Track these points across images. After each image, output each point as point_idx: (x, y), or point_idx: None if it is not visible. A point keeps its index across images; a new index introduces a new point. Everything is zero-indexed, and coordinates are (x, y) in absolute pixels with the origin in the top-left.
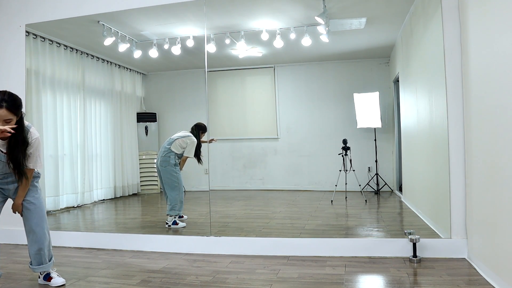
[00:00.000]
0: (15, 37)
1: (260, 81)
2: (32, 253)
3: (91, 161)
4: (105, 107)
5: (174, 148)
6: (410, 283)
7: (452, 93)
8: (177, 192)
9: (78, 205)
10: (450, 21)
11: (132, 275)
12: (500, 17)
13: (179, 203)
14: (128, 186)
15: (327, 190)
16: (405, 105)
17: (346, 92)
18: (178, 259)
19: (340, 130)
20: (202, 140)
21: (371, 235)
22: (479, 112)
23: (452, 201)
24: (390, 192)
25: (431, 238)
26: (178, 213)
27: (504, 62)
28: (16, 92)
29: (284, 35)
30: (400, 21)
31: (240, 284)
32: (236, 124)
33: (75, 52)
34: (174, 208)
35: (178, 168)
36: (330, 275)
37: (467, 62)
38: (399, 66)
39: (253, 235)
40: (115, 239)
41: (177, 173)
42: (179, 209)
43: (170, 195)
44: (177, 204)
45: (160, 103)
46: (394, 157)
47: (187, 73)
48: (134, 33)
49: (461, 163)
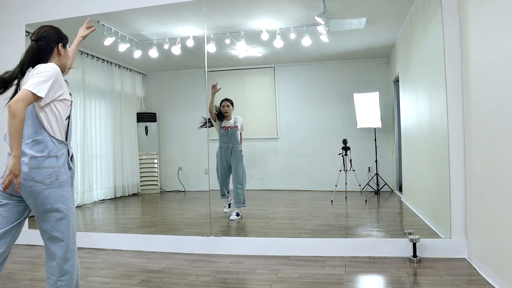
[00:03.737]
0: (15, 37)
1: (260, 81)
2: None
3: (91, 161)
4: (105, 107)
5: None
6: (410, 283)
7: (452, 93)
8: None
9: (78, 205)
10: (450, 21)
11: (132, 275)
12: (500, 17)
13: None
14: (128, 186)
15: (327, 190)
16: (405, 105)
17: (346, 92)
18: (178, 259)
19: (340, 130)
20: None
21: (371, 235)
22: (479, 112)
23: (452, 201)
24: (390, 192)
25: (431, 238)
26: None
27: (504, 62)
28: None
29: (284, 35)
30: (400, 21)
31: (240, 284)
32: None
33: None
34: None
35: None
36: (330, 275)
37: (467, 62)
38: (399, 66)
39: (253, 235)
40: (115, 239)
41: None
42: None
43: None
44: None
45: (160, 103)
46: (394, 157)
47: (187, 73)
48: (134, 33)
49: (461, 163)
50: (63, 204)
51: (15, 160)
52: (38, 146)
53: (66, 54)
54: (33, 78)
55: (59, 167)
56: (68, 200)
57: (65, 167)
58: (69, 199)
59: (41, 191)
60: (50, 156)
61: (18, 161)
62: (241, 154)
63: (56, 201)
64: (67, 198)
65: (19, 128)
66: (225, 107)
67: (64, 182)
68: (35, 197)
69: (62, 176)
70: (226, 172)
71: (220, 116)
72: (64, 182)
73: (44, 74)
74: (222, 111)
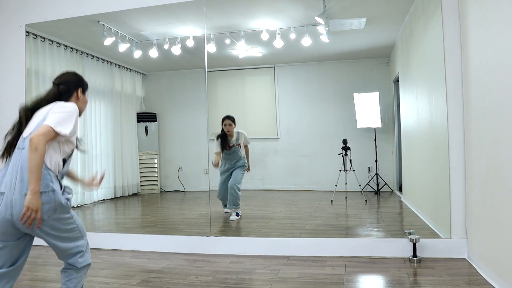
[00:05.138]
0: (15, 37)
1: (260, 81)
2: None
3: (91, 161)
4: (105, 107)
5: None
6: (410, 283)
7: (452, 93)
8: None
9: (78, 205)
10: (450, 21)
11: (132, 275)
12: (500, 17)
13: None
14: (128, 186)
15: (327, 190)
16: (405, 105)
17: (346, 92)
18: (178, 259)
19: (340, 130)
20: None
21: (371, 235)
22: (479, 112)
23: (452, 201)
24: (390, 192)
25: (431, 238)
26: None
27: (504, 62)
28: (16, 92)
29: (284, 35)
30: (400, 21)
31: (240, 284)
32: (236, 124)
33: (75, 52)
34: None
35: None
36: (330, 275)
37: (467, 62)
38: (399, 66)
39: (253, 235)
40: (115, 239)
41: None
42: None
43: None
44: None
45: (160, 103)
46: (394, 157)
47: (187, 73)
48: (134, 33)
49: (461, 163)
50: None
51: (33, 196)
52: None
53: (84, 100)
54: (55, 114)
55: (56, 201)
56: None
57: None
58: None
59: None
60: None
61: (37, 196)
62: (244, 165)
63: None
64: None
65: (40, 162)
66: (227, 125)
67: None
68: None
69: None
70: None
71: (223, 142)
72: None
73: (67, 111)
74: (224, 131)
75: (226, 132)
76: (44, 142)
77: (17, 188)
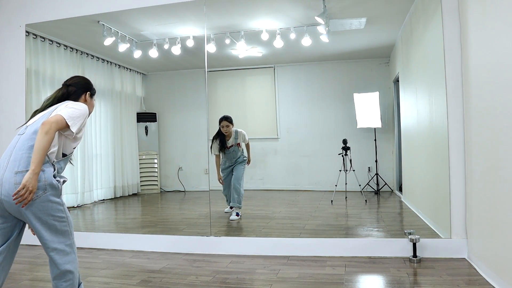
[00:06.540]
0: (15, 37)
1: (260, 81)
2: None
3: (91, 161)
4: (105, 107)
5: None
6: (410, 283)
7: (452, 93)
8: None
9: (78, 205)
10: (450, 21)
11: (132, 275)
12: (500, 16)
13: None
14: (128, 186)
15: (327, 190)
16: (405, 105)
17: (346, 92)
18: (178, 259)
19: (340, 130)
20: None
21: (371, 235)
22: (479, 112)
23: (452, 201)
24: (390, 192)
25: (431, 238)
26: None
27: (504, 62)
28: (16, 92)
29: (284, 35)
30: (400, 21)
31: (240, 284)
32: (236, 124)
33: (75, 52)
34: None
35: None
36: (330, 275)
37: (467, 62)
38: (399, 66)
39: (253, 235)
40: (115, 239)
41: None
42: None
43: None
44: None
45: (160, 103)
46: (394, 157)
47: (187, 73)
48: (134, 33)
49: (461, 163)
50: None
51: (32, 176)
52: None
53: (91, 104)
54: (69, 109)
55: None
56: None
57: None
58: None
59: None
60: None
61: (36, 178)
62: (244, 160)
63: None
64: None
65: (47, 146)
66: (225, 127)
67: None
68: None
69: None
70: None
71: (222, 142)
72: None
73: (79, 109)
74: (222, 132)
75: (224, 133)
76: (55, 129)
77: (9, 167)
